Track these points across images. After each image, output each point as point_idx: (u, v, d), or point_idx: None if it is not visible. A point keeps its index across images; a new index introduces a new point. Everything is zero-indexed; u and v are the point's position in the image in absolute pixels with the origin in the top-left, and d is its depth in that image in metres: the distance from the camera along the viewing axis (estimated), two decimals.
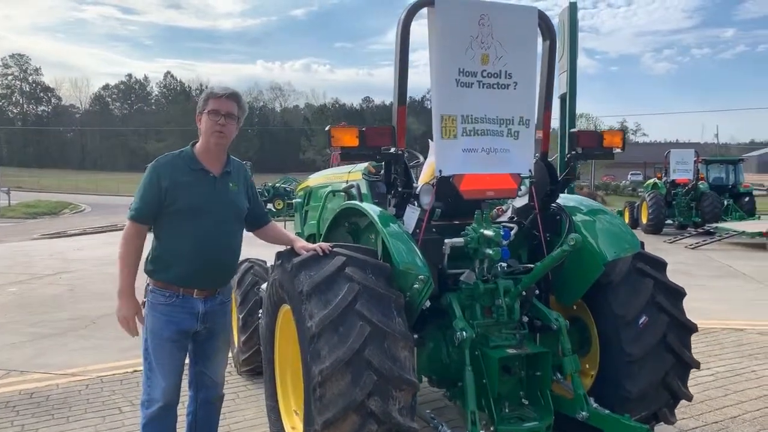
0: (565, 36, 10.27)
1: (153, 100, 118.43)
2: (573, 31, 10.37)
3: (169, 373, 3.17)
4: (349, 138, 3.24)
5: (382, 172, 4.62)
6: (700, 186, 19.91)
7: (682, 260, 13.41)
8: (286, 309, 3.44)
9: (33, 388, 5.41)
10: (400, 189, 3.42)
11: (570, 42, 10.29)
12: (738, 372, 5.49)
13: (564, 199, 3.81)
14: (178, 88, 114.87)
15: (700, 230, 17.96)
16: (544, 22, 3.60)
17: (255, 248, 3.76)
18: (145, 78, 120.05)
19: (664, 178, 20.95)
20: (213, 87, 3.25)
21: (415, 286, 3.05)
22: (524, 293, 3.35)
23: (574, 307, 3.76)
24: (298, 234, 5.37)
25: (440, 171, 3.38)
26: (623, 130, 3.78)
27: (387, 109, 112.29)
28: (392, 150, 3.36)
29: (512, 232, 3.47)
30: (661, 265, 3.63)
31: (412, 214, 3.38)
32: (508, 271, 3.40)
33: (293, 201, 5.79)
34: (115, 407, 4.90)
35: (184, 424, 3.51)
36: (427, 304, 3.13)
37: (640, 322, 3.41)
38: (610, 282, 3.46)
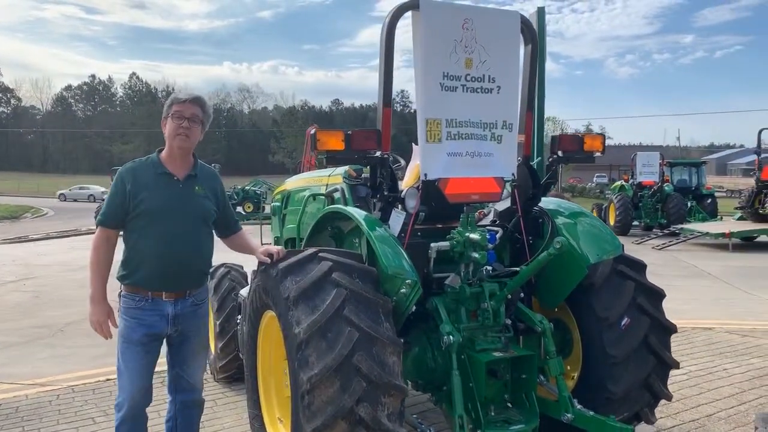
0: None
1: (118, 102, 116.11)
2: (541, 35, 10.61)
3: (135, 377, 3.19)
4: (334, 141, 3.21)
5: (363, 175, 4.63)
6: (666, 188, 20.37)
7: (650, 261, 13.49)
8: (270, 315, 3.39)
9: (0, 399, 5.23)
10: (386, 193, 3.39)
11: (538, 46, 10.45)
12: (710, 370, 5.61)
13: (544, 202, 3.84)
14: (143, 89, 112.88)
15: (665, 231, 18.36)
16: (526, 26, 3.62)
17: (232, 253, 3.75)
18: (110, 79, 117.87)
19: (630, 181, 21.37)
20: (177, 92, 3.35)
21: (402, 290, 3.03)
22: (510, 296, 3.36)
23: (556, 310, 3.79)
24: (277, 238, 5.32)
25: (425, 175, 3.36)
26: (603, 134, 3.83)
27: (356, 112, 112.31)
28: (378, 153, 3.33)
29: (498, 236, 3.48)
30: (641, 267, 3.69)
31: (397, 218, 3.36)
32: (492, 275, 3.40)
33: (271, 204, 5.72)
34: (89, 418, 4.76)
35: (164, 430, 3.50)
36: (412, 308, 3.11)
37: (623, 323, 3.45)
38: (592, 284, 3.49)
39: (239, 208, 27.37)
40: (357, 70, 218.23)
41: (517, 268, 3.38)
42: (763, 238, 16.89)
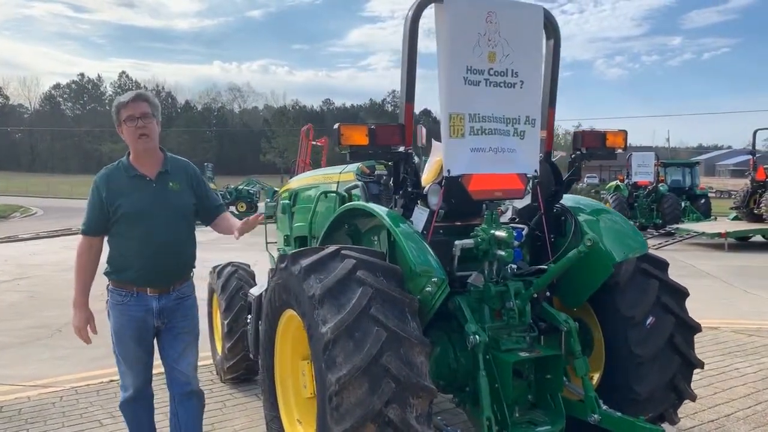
0: None
1: (107, 101, 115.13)
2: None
3: (133, 366, 3.40)
4: (359, 136, 3.13)
5: (377, 172, 4.56)
6: (661, 188, 20.44)
7: None
8: (289, 314, 3.30)
9: (1, 401, 5.11)
10: (409, 189, 3.32)
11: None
12: (722, 370, 5.58)
13: (565, 199, 3.78)
14: (133, 88, 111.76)
15: (661, 231, 18.41)
16: (549, 21, 3.56)
17: (235, 252, 3.81)
18: (99, 78, 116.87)
19: (626, 181, 21.43)
20: (118, 97, 3.41)
21: (427, 289, 2.97)
22: (535, 295, 3.29)
23: (574, 309, 3.73)
24: (286, 236, 5.23)
25: (448, 171, 3.29)
26: (625, 131, 3.77)
27: (347, 111, 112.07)
28: (401, 149, 3.26)
29: (523, 233, 3.41)
30: (663, 264, 3.64)
31: (420, 215, 3.28)
32: (517, 273, 3.34)
33: (279, 202, 5.62)
34: (95, 420, 4.66)
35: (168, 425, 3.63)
36: (437, 307, 3.04)
37: (648, 323, 3.39)
38: (616, 283, 3.43)
39: (232, 208, 27.22)
40: (347, 70, 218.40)
41: (543, 266, 3.32)
42: (758, 238, 16.98)
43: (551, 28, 3.60)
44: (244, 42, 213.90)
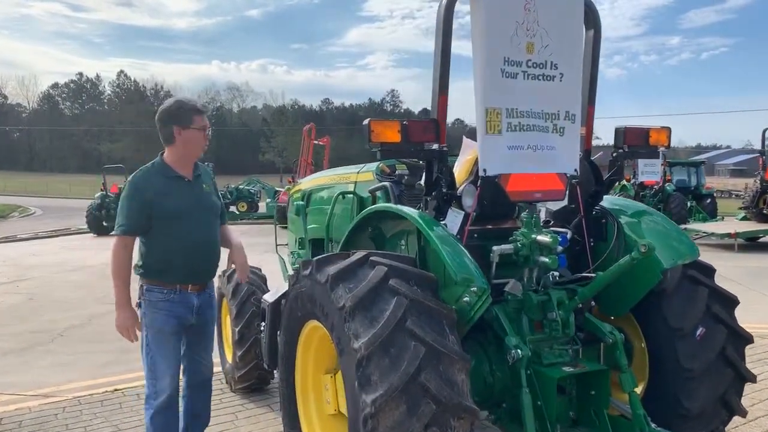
0: None
1: (106, 100, 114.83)
2: None
3: (172, 364, 3.41)
4: (390, 133, 2.89)
5: (398, 172, 4.32)
6: (667, 188, 20.21)
7: None
8: (313, 325, 3.06)
9: (1, 413, 4.87)
10: (444, 190, 3.07)
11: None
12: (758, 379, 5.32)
13: (603, 200, 3.54)
14: (132, 87, 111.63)
15: None
16: (590, 9, 3.32)
17: (266, 256, 3.67)
18: (97, 77, 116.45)
19: (632, 180, 21.20)
20: (191, 101, 3.49)
21: (465, 299, 2.73)
22: (580, 305, 3.05)
23: (611, 317, 3.49)
24: (300, 239, 4.99)
25: (484, 170, 3.04)
26: (668, 128, 3.53)
27: (346, 111, 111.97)
28: (434, 146, 3.02)
29: (568, 237, 3.17)
30: (711, 271, 3.40)
31: (455, 218, 3.04)
32: (558, 281, 3.10)
33: (292, 203, 5.37)
34: None
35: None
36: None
37: (698, 334, 3.16)
38: (661, 291, 3.19)
39: (233, 208, 26.92)
40: (345, 69, 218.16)
41: (589, 274, 3.08)
42: (767, 238, 16.74)
43: (592, 17, 3.37)
44: (242, 41, 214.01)
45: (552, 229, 3.24)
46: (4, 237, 21.40)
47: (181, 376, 3.56)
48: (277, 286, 4.52)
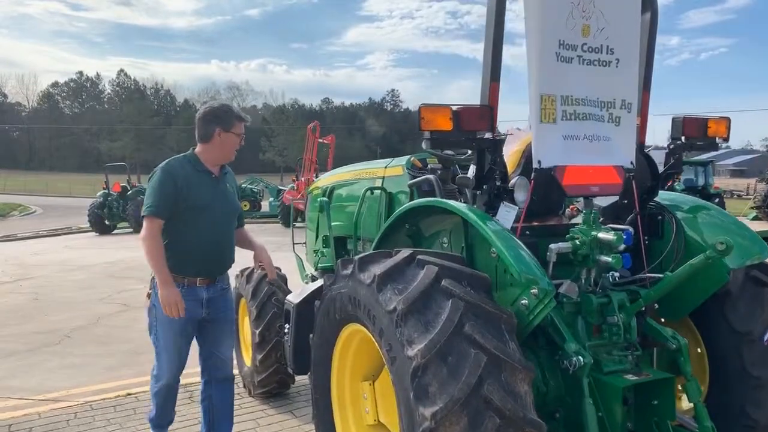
0: None
1: (106, 99, 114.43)
2: None
3: (173, 358, 3.53)
4: (442, 120, 2.66)
5: (429, 166, 4.09)
6: (677, 187, 19.95)
7: None
8: (353, 329, 2.84)
9: (9, 419, 4.64)
10: (498, 183, 2.84)
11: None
12: None
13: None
14: (132, 86, 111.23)
15: None
16: None
17: (248, 253, 3.85)
18: (97, 76, 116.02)
19: None
20: (235, 108, 3.67)
21: (522, 301, 2.50)
22: (643, 308, 2.82)
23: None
24: (325, 237, 4.76)
25: (539, 162, 2.82)
26: (728, 118, 3.31)
27: (347, 110, 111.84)
28: (487, 135, 2.79)
29: (632, 234, 2.95)
30: None
31: (507, 214, 2.81)
32: (619, 282, 2.87)
33: (314, 201, 5.13)
34: None
35: (200, 410, 3.82)
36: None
37: (765, 339, 2.93)
38: (725, 293, 2.97)
39: None
40: (345, 69, 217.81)
41: (656, 275, 2.85)
42: None
43: None
44: (241, 41, 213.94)
45: (611, 226, 3.01)
46: (5, 236, 21.16)
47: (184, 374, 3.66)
48: (301, 287, 4.31)
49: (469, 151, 3.93)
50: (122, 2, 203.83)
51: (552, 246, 2.77)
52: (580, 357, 2.58)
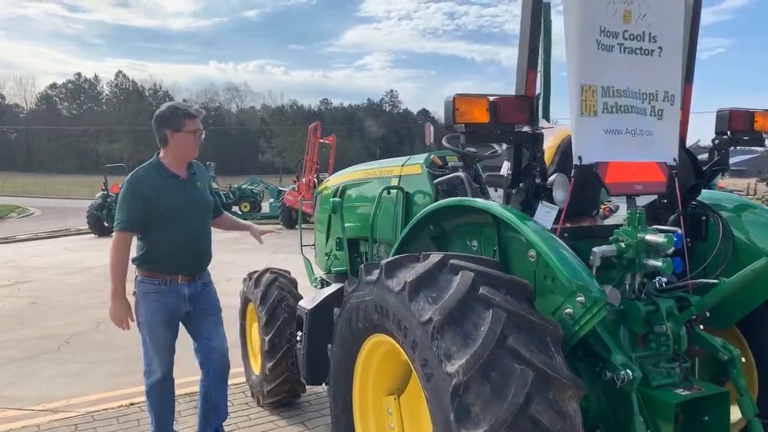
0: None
1: (104, 100, 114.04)
2: (547, 31, 10.15)
3: (162, 351, 3.66)
4: (478, 111, 2.44)
5: (450, 164, 3.88)
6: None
7: None
8: (378, 339, 2.62)
9: (7, 430, 4.41)
10: (538, 181, 2.63)
11: (544, 43, 10.04)
12: None
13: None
14: (130, 87, 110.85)
15: None
16: None
17: (247, 254, 3.63)
18: (96, 77, 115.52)
19: None
20: (183, 106, 3.68)
21: (567, 310, 2.29)
22: (694, 317, 2.61)
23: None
24: (338, 239, 4.54)
25: (580, 158, 2.60)
26: None
27: (346, 111, 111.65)
28: (525, 128, 2.58)
29: (682, 236, 2.73)
30: None
31: (547, 215, 2.59)
32: (665, 288, 2.65)
33: (325, 202, 4.91)
34: None
35: (198, 397, 3.95)
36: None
37: None
38: None
39: (235, 208, 26.42)
40: (343, 70, 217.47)
41: (710, 280, 2.63)
42: None
43: None
44: (239, 42, 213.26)
45: (656, 227, 2.79)
46: (3, 238, 20.87)
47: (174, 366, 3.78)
48: (314, 292, 4.10)
49: (497, 148, 3.73)
50: (120, 4, 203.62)
51: (595, 249, 2.55)
52: (628, 370, 2.36)
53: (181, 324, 3.79)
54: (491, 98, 2.47)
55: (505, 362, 2.05)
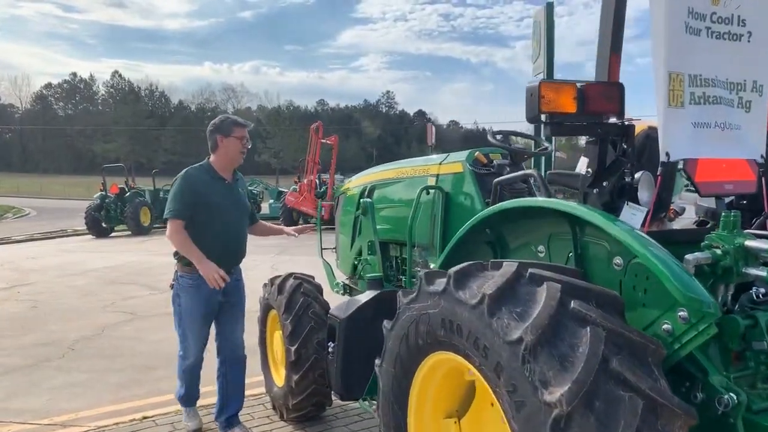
0: (541, 37, 10.11)
1: (100, 101, 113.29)
2: (550, 31, 10.14)
3: (198, 341, 4.08)
4: (565, 100, 2.16)
5: (495, 162, 3.61)
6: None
7: None
8: (442, 358, 2.33)
9: None
10: (626, 179, 2.35)
11: (547, 43, 10.13)
12: None
13: None
14: (126, 88, 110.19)
15: None
16: None
17: (255, 255, 3.22)
18: (91, 77, 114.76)
19: None
20: (234, 116, 4.13)
21: (664, 326, 2.02)
22: None
23: None
24: (370, 243, 4.26)
25: (667, 154, 2.32)
26: None
27: (342, 112, 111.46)
28: (612, 119, 2.30)
29: None
30: None
31: (634, 217, 2.31)
32: (763, 299, 2.37)
33: (357, 202, 4.61)
34: None
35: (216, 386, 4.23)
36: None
37: None
38: None
39: None
40: (339, 71, 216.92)
41: None
42: None
43: None
44: (235, 43, 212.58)
45: (750, 231, 2.51)
46: (0, 239, 20.52)
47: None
48: (346, 300, 3.81)
49: (546, 144, 3.45)
50: (115, 4, 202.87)
51: (689, 257, 2.25)
52: (732, 394, 2.08)
53: None
54: (579, 85, 2.19)
55: (610, 389, 1.77)
